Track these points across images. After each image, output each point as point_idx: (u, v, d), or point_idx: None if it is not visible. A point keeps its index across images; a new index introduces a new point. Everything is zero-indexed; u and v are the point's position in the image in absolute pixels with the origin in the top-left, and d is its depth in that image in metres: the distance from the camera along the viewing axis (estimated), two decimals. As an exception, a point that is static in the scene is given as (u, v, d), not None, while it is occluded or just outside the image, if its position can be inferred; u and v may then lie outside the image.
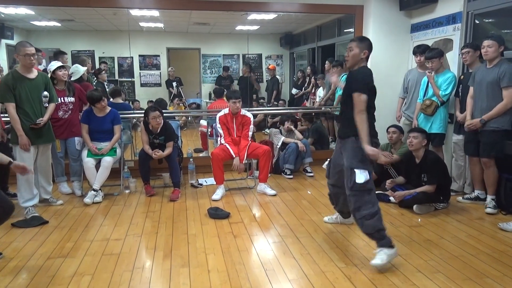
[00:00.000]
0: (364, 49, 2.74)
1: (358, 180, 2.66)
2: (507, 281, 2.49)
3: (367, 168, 2.70)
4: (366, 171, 2.68)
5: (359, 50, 2.73)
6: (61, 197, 4.22)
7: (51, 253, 2.92)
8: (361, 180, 2.65)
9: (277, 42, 9.93)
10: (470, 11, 4.30)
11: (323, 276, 2.57)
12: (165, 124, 4.31)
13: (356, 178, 2.66)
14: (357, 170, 2.67)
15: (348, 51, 2.79)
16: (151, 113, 4.19)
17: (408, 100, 4.61)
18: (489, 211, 3.67)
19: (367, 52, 2.75)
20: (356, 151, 2.70)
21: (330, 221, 3.50)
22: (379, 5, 5.21)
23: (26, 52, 3.42)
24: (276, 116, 7.19)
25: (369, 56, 2.78)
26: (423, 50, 4.40)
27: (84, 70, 4.85)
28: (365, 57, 2.75)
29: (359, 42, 2.77)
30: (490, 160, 3.61)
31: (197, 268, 2.68)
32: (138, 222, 3.55)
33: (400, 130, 4.35)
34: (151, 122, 4.20)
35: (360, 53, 2.74)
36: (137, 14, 6.91)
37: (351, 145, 2.75)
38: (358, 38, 2.85)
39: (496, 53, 3.47)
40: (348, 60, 2.81)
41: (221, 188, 4.29)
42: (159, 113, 4.21)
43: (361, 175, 2.66)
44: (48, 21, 7.91)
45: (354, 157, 2.71)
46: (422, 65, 4.44)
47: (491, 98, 3.54)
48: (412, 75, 4.59)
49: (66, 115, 4.11)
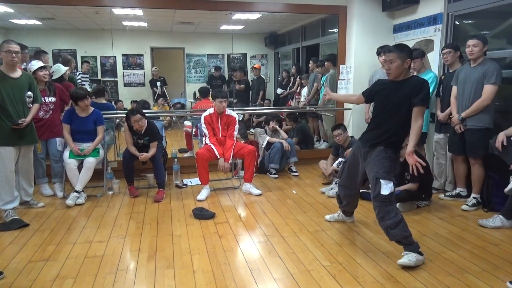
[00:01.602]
0: (406, 58, 2.66)
1: (383, 191, 2.66)
2: (487, 276, 2.56)
3: (392, 180, 2.70)
4: (392, 183, 2.68)
5: (401, 61, 2.65)
6: (42, 199, 4.14)
7: (32, 257, 2.86)
8: (386, 192, 2.66)
9: (262, 42, 9.94)
10: (451, 13, 4.39)
11: (308, 274, 2.59)
12: (149, 124, 4.26)
13: (381, 190, 2.67)
14: (383, 181, 2.67)
15: (389, 63, 2.69)
16: (132, 117, 4.12)
17: None
18: (465, 208, 3.76)
19: (409, 61, 2.68)
20: (384, 161, 2.71)
21: (332, 220, 3.51)
22: (363, 6, 5.27)
23: (8, 49, 3.34)
24: (261, 116, 7.20)
25: (411, 64, 2.72)
26: (386, 50, 4.47)
27: (65, 69, 4.77)
28: (408, 66, 2.69)
29: (399, 52, 2.66)
30: (477, 159, 3.69)
31: (182, 269, 2.67)
32: (121, 224, 3.50)
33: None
34: (134, 125, 4.15)
35: (403, 64, 2.66)
36: (120, 13, 6.82)
37: (379, 154, 2.74)
38: (396, 47, 2.72)
39: (481, 52, 3.55)
40: (390, 73, 2.72)
41: (206, 188, 4.27)
42: (141, 116, 4.13)
43: (386, 187, 2.66)
44: (28, 19, 7.74)
45: (381, 167, 2.71)
46: None
47: (474, 97, 3.61)
48: (378, 76, 4.65)
49: (47, 115, 4.03)
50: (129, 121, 4.17)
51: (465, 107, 3.68)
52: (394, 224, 2.64)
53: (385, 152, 2.73)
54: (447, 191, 4.20)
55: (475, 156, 3.68)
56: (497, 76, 3.47)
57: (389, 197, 2.66)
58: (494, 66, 3.50)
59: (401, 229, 2.65)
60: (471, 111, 3.61)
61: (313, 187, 4.63)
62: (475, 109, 3.59)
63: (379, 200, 2.69)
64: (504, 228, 3.30)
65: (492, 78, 3.48)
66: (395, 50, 2.68)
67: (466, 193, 3.96)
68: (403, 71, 2.70)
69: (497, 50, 4.13)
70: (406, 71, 2.72)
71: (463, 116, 3.66)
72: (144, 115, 4.19)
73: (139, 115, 4.13)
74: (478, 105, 3.56)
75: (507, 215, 3.32)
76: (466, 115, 3.64)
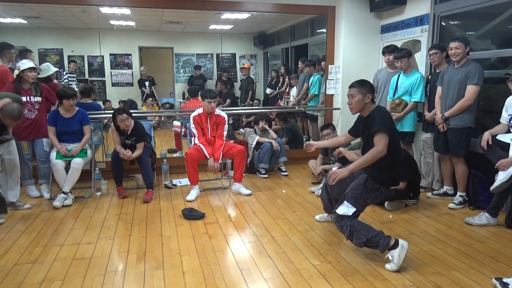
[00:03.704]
0: (367, 93, 2.71)
1: (338, 210, 2.70)
2: (473, 273, 2.60)
3: (356, 207, 2.69)
4: (353, 208, 2.67)
5: (362, 96, 2.70)
6: (28, 200, 4.07)
7: (18, 259, 2.81)
8: (340, 212, 2.69)
9: (251, 42, 9.94)
10: (437, 13, 4.45)
11: (298, 274, 2.60)
12: (136, 124, 4.22)
13: (339, 208, 2.70)
14: (346, 203, 2.69)
15: (350, 98, 2.75)
16: (118, 117, 4.08)
17: (378, 99, 4.72)
18: (452, 206, 3.82)
19: (370, 96, 2.72)
20: (360, 188, 2.71)
21: (321, 220, 3.53)
22: (350, 6, 5.31)
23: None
24: (251, 116, 7.21)
25: (373, 98, 2.76)
26: (392, 49, 4.53)
27: (54, 70, 4.71)
28: (370, 100, 2.73)
29: (359, 87, 2.73)
30: (459, 158, 3.75)
31: (172, 270, 2.65)
32: (110, 225, 3.47)
33: None
34: (120, 125, 4.11)
35: (364, 98, 2.71)
36: (107, 12, 6.76)
37: (359, 180, 2.75)
38: (358, 83, 2.78)
39: (463, 53, 3.61)
40: (352, 107, 2.78)
41: (195, 188, 4.26)
42: (127, 115, 4.09)
43: (343, 208, 2.68)
44: (13, 18, 7.61)
45: (354, 190, 2.72)
46: (391, 65, 4.56)
47: (458, 97, 3.67)
48: (381, 75, 4.70)
49: (32, 115, 3.98)
50: (115, 121, 4.13)
51: (449, 107, 3.74)
52: (350, 235, 2.68)
53: (365, 181, 2.72)
54: (434, 190, 4.26)
55: (457, 154, 3.75)
56: (479, 77, 3.54)
57: (341, 216, 2.69)
58: (477, 67, 3.56)
59: (356, 238, 2.65)
60: (454, 110, 3.67)
61: (302, 186, 4.65)
62: (458, 108, 3.65)
63: (335, 216, 2.74)
64: (490, 226, 3.36)
65: (474, 79, 3.55)
66: (356, 85, 2.75)
67: (452, 191, 4.02)
68: (365, 105, 2.75)
69: (482, 50, 4.20)
70: (369, 105, 2.76)
71: (446, 115, 3.73)
72: (130, 115, 4.16)
73: (125, 115, 4.09)
74: (461, 105, 3.63)
75: (493, 213, 3.39)
76: (449, 114, 3.71)
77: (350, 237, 2.69)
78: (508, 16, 3.80)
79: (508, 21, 3.86)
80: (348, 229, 2.66)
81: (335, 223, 2.78)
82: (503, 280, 2.38)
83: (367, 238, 2.63)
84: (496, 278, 2.44)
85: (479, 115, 3.97)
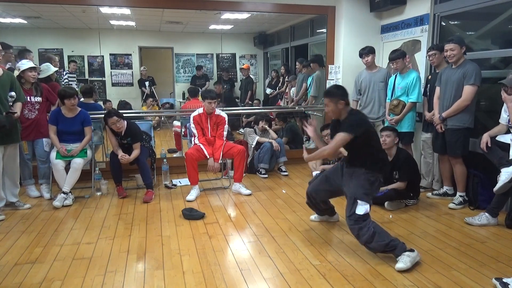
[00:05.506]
0: (338, 101, 2.80)
1: (358, 211, 2.71)
2: (473, 273, 2.60)
3: (369, 202, 2.75)
4: (368, 204, 2.73)
5: (334, 104, 2.80)
6: (28, 200, 4.08)
7: (18, 259, 2.81)
8: (361, 212, 2.70)
9: (251, 42, 9.94)
10: (437, 13, 4.45)
11: (298, 274, 2.60)
12: (129, 125, 4.22)
13: (356, 209, 2.71)
14: (360, 201, 2.71)
15: (326, 107, 2.88)
16: (109, 120, 4.07)
17: (363, 102, 4.73)
18: (451, 206, 3.82)
19: (343, 102, 2.80)
20: (364, 183, 2.76)
21: (316, 219, 3.53)
22: (350, 6, 5.31)
23: None
24: (251, 116, 7.20)
25: (348, 102, 2.84)
26: (368, 51, 4.56)
27: (54, 70, 4.71)
28: (343, 106, 2.81)
29: (330, 97, 2.82)
30: (457, 158, 3.75)
31: (172, 270, 2.65)
32: (110, 225, 3.47)
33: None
34: (112, 127, 4.11)
35: (336, 106, 2.80)
36: (107, 12, 6.75)
37: (360, 175, 2.79)
38: (327, 93, 2.88)
39: (459, 54, 3.61)
40: (329, 114, 2.95)
41: (195, 188, 4.26)
42: (117, 118, 4.07)
43: (362, 207, 2.70)
44: (13, 18, 7.61)
45: (361, 188, 2.76)
46: (370, 66, 4.61)
47: (455, 97, 3.67)
48: (363, 77, 4.71)
49: (32, 115, 3.98)
50: (107, 124, 4.13)
51: (447, 107, 3.74)
52: (370, 238, 2.68)
53: (366, 174, 2.78)
54: (434, 190, 4.26)
55: (455, 155, 3.74)
56: (476, 77, 3.53)
57: (362, 217, 2.71)
58: (474, 68, 3.56)
59: (377, 241, 2.67)
60: (452, 111, 3.67)
61: (302, 186, 4.64)
62: (455, 109, 3.65)
63: (353, 219, 2.73)
64: (490, 226, 3.36)
65: (471, 79, 3.54)
66: (327, 95, 2.86)
67: (452, 191, 4.02)
68: (340, 111, 2.84)
69: (482, 50, 4.20)
70: (343, 110, 2.84)
71: (443, 116, 3.73)
72: (121, 116, 4.14)
73: (115, 117, 4.07)
74: (459, 105, 3.62)
75: (493, 213, 3.39)
76: (447, 115, 3.71)
77: (370, 240, 2.67)
78: (508, 16, 3.80)
79: (508, 21, 3.86)
80: (371, 231, 2.67)
81: (352, 225, 2.75)
82: (503, 280, 2.38)
83: (388, 242, 2.66)
84: (496, 278, 2.44)
85: (480, 115, 3.97)
